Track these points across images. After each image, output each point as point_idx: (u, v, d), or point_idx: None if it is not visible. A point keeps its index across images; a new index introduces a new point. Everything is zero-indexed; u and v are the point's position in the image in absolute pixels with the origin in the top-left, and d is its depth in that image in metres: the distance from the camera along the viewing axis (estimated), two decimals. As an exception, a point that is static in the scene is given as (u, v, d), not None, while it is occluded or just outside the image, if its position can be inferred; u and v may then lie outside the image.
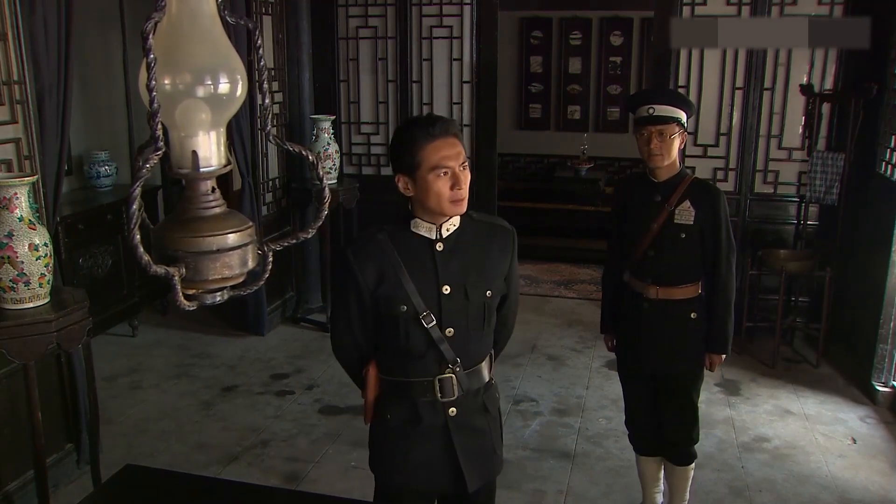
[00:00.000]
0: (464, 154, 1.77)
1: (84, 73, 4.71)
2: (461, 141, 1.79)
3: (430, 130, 1.73)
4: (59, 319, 2.60)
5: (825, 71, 4.64)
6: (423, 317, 1.79)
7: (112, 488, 2.23)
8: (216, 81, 0.93)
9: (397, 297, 1.79)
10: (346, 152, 5.46)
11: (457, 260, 1.83)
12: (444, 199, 1.75)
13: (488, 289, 1.86)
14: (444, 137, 1.74)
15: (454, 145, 1.75)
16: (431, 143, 1.72)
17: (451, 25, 5.15)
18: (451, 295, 1.81)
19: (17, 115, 2.92)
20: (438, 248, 1.81)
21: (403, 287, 1.78)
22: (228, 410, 3.99)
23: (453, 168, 1.73)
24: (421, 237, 1.82)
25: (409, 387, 1.87)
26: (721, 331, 2.68)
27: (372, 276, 1.80)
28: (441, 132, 1.74)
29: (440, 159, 1.72)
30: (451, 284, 1.81)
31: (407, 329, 1.81)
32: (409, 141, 1.74)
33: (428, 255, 1.81)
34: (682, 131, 2.57)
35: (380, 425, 1.95)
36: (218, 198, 0.97)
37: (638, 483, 3.09)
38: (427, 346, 1.82)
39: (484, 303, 1.86)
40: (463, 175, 1.75)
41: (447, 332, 1.82)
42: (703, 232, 2.61)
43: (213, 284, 0.95)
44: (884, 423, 3.86)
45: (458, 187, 1.74)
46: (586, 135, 7.80)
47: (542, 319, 5.35)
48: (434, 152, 1.72)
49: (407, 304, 1.79)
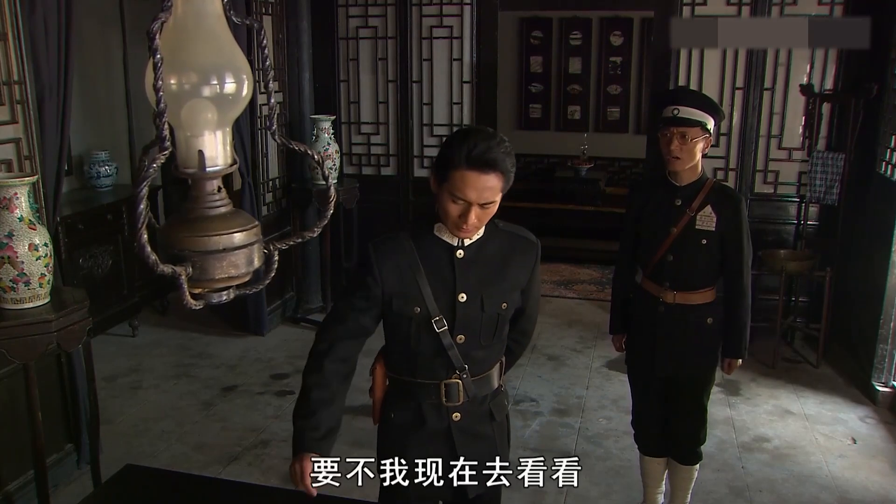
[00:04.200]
0: (494, 193, 1.66)
1: (84, 73, 4.70)
2: (504, 177, 1.65)
3: (469, 156, 1.61)
4: (59, 319, 2.60)
5: (825, 71, 4.64)
6: (436, 321, 1.77)
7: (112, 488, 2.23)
8: (222, 81, 0.93)
9: (412, 298, 1.77)
10: (346, 152, 5.46)
11: (476, 269, 1.80)
12: (450, 220, 1.71)
13: (504, 301, 1.83)
14: (479, 171, 1.62)
15: (486, 181, 1.63)
16: (461, 171, 1.63)
17: (451, 25, 5.15)
18: (467, 303, 1.78)
19: (17, 115, 2.91)
20: (459, 255, 1.78)
21: (420, 289, 1.76)
22: (228, 410, 3.98)
23: (470, 202, 1.65)
24: (443, 242, 1.78)
25: (416, 388, 1.85)
26: (741, 336, 2.67)
27: (390, 273, 1.77)
28: (477, 164, 1.62)
29: (459, 189, 1.64)
30: (468, 293, 1.78)
31: (419, 331, 1.78)
32: (447, 155, 1.66)
33: (447, 261, 1.78)
34: (707, 136, 2.51)
35: (384, 424, 1.94)
36: (224, 197, 0.97)
37: (638, 483, 3.09)
38: (436, 351, 1.80)
39: (498, 314, 1.83)
40: (479, 211, 1.66)
41: (458, 338, 1.80)
42: (723, 238, 2.58)
43: (219, 283, 0.95)
44: (884, 423, 3.87)
45: (464, 219, 1.67)
46: (586, 135, 7.81)
47: (542, 319, 5.29)
48: (459, 180, 1.64)
49: (421, 307, 1.76)
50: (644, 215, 2.70)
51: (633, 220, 2.76)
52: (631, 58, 7.83)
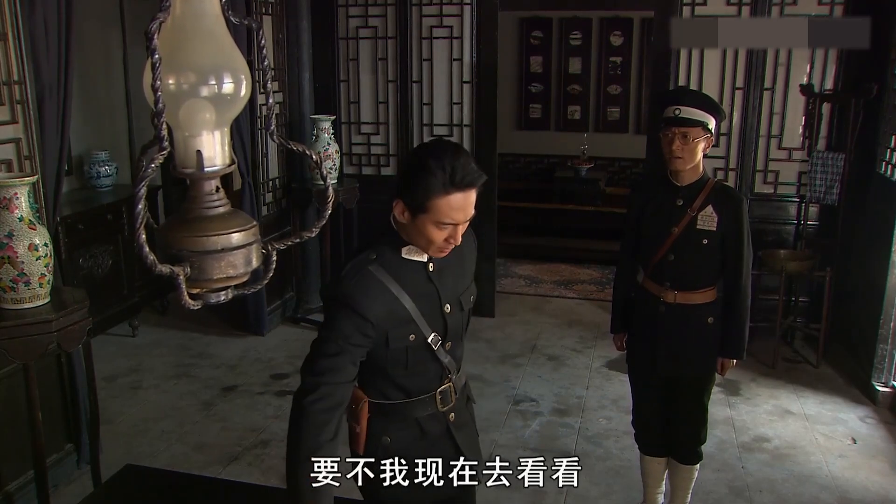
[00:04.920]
0: (474, 204, 1.62)
1: (84, 73, 4.70)
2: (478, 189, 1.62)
3: (453, 180, 1.55)
4: (59, 319, 2.60)
5: (825, 71, 4.64)
6: (432, 340, 1.74)
7: (112, 488, 2.23)
8: (220, 81, 0.93)
9: (405, 328, 1.70)
10: (346, 152, 5.45)
11: (447, 275, 1.78)
12: (433, 245, 1.64)
13: (472, 294, 1.86)
14: (463, 191, 1.57)
15: (470, 196, 1.59)
16: (445, 197, 1.56)
17: (451, 25, 5.15)
18: (452, 312, 1.78)
19: (17, 115, 2.92)
20: (431, 268, 1.74)
21: (410, 315, 1.69)
22: (228, 410, 3.98)
23: (459, 223, 1.61)
24: (414, 262, 1.73)
25: (411, 406, 1.81)
26: (739, 336, 2.67)
27: (380, 312, 1.66)
28: (463, 186, 1.56)
29: (448, 215, 1.58)
30: (451, 301, 1.77)
31: (416, 357, 1.74)
32: (424, 184, 1.56)
33: (424, 278, 1.73)
34: (708, 136, 2.52)
35: (377, 449, 1.82)
36: (222, 197, 0.97)
37: (638, 483, 3.09)
38: (431, 365, 1.79)
39: (469, 309, 1.86)
40: (463, 227, 1.64)
41: (447, 346, 1.79)
42: (724, 238, 2.58)
43: (217, 284, 0.95)
44: (884, 423, 3.86)
45: (452, 240, 1.63)
46: (586, 135, 7.81)
47: (542, 319, 5.35)
48: (446, 206, 1.57)
49: (415, 333, 1.71)
50: (645, 215, 2.70)
51: (634, 220, 2.76)
52: (631, 58, 7.82)
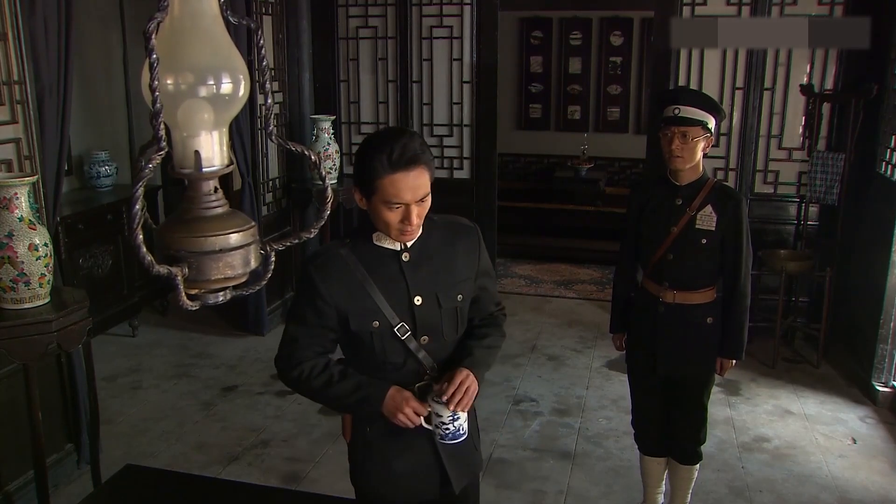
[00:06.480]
0: (426, 186, 1.64)
1: (84, 73, 4.70)
2: (429, 168, 1.65)
3: (390, 160, 1.59)
4: (59, 319, 2.60)
5: (825, 71, 4.64)
6: (399, 329, 1.73)
7: (112, 488, 2.23)
8: (218, 81, 0.93)
9: (368, 313, 1.72)
10: (346, 152, 5.46)
11: (425, 268, 1.76)
12: (392, 228, 1.67)
13: (459, 293, 1.81)
14: (404, 170, 1.60)
15: (416, 177, 1.62)
16: (388, 177, 1.60)
17: (451, 25, 5.15)
18: (423, 305, 1.75)
19: (17, 115, 2.92)
20: (405, 258, 1.74)
21: (374, 302, 1.71)
22: (228, 410, 3.98)
23: (407, 203, 1.63)
24: (386, 249, 1.74)
25: None
26: (738, 336, 2.66)
27: (339, 293, 1.71)
28: (402, 165, 1.60)
29: (394, 194, 1.61)
30: (422, 294, 1.75)
31: (382, 343, 1.74)
32: (369, 167, 1.62)
33: (395, 267, 1.74)
34: (708, 136, 2.52)
35: (360, 439, 1.88)
36: (220, 198, 0.97)
37: (638, 483, 3.09)
38: (405, 357, 1.77)
39: (456, 308, 1.80)
40: (418, 208, 1.65)
41: (422, 339, 1.77)
42: (723, 238, 2.58)
43: (215, 284, 0.95)
44: (884, 423, 3.86)
45: (407, 222, 1.64)
46: (586, 135, 7.81)
47: (542, 319, 5.35)
48: (390, 186, 1.61)
49: (379, 319, 1.72)
50: (645, 214, 2.70)
51: (634, 220, 2.76)
52: (631, 58, 7.82)
